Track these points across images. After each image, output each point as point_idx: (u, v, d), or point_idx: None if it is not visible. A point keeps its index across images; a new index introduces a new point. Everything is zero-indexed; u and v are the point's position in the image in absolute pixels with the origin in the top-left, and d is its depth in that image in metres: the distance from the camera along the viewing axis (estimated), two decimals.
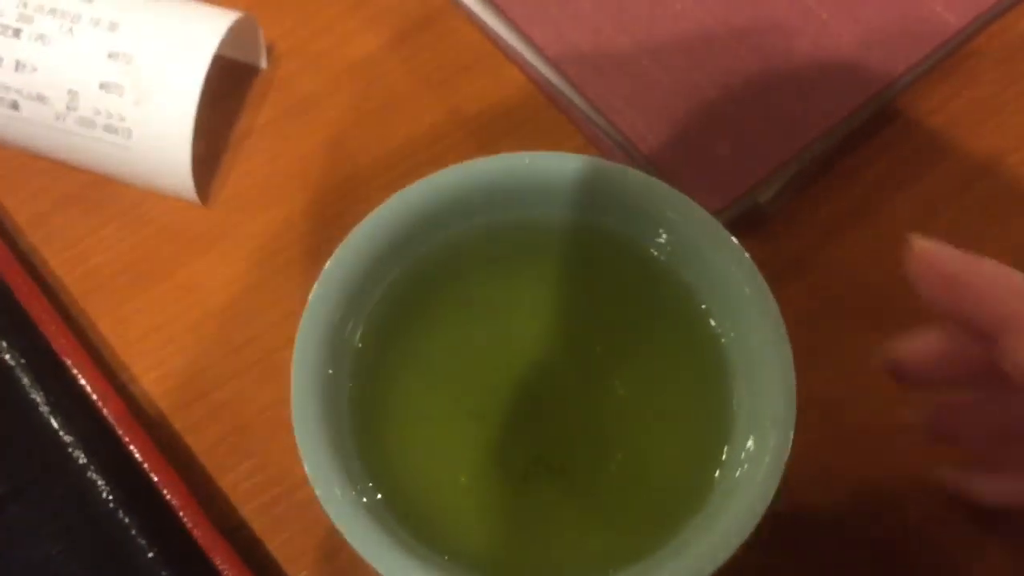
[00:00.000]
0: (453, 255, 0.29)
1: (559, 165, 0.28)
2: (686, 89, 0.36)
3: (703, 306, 0.27)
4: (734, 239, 0.26)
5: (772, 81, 0.36)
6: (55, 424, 0.32)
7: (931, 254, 0.25)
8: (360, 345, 0.28)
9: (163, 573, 0.30)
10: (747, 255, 0.26)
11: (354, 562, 0.32)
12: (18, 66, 0.34)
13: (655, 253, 0.27)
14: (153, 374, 0.34)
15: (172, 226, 0.36)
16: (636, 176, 0.27)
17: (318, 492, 0.24)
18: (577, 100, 0.38)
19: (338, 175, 0.38)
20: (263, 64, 0.39)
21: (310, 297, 0.27)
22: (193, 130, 0.34)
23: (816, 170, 0.37)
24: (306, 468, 0.25)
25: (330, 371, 0.27)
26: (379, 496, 0.26)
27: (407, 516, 0.26)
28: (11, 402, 0.32)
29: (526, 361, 0.29)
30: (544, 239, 0.29)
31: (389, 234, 0.28)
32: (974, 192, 0.37)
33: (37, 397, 0.32)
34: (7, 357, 0.33)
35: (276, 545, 0.32)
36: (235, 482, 0.33)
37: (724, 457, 0.26)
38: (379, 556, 0.24)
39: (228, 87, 0.38)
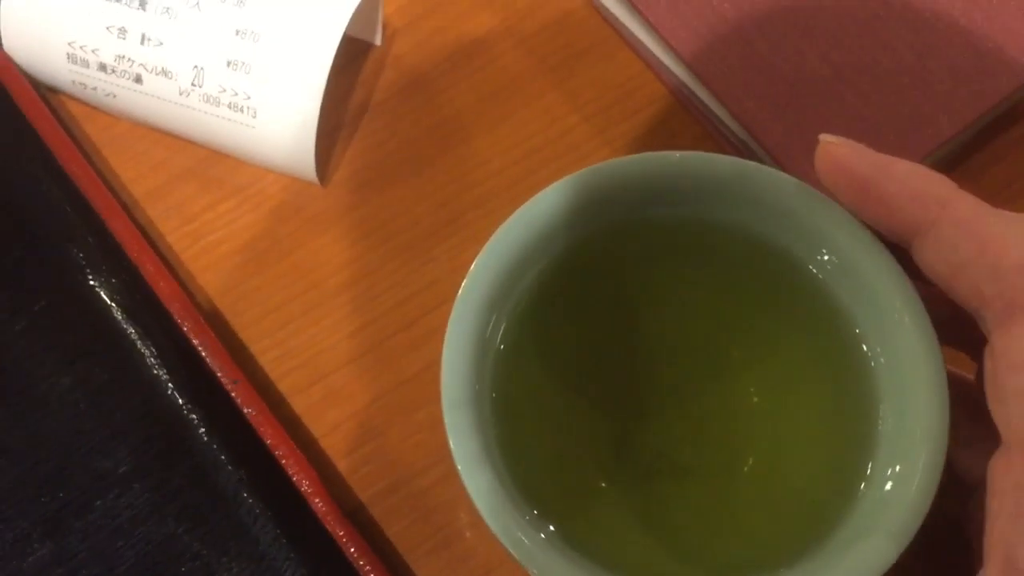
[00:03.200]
0: (593, 253, 0.29)
1: (732, 169, 0.27)
2: (812, 81, 0.35)
3: (856, 330, 0.27)
4: (898, 265, 0.25)
5: (904, 77, 0.35)
6: (180, 402, 0.32)
7: (841, 154, 0.23)
8: (502, 346, 0.28)
9: (291, 555, 0.31)
10: (909, 281, 0.25)
11: (470, 551, 0.33)
12: (144, 39, 0.34)
13: (813, 270, 0.27)
14: (271, 355, 0.34)
15: (289, 205, 0.36)
16: (810, 193, 0.26)
17: (493, 527, 0.24)
18: (696, 89, 0.37)
19: (453, 157, 0.37)
20: (378, 41, 0.38)
21: (457, 297, 0.27)
22: (320, 112, 0.33)
23: (946, 167, 0.36)
24: (472, 497, 0.25)
25: (475, 380, 0.27)
26: (535, 511, 0.26)
27: (555, 524, 0.26)
28: (135, 380, 0.32)
29: (658, 359, 0.29)
30: (691, 240, 0.29)
31: (533, 232, 0.27)
32: None
33: (161, 375, 0.32)
34: (133, 335, 0.33)
35: (394, 532, 0.32)
36: (352, 467, 0.33)
37: (869, 472, 0.26)
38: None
39: (341, 63, 0.38)
